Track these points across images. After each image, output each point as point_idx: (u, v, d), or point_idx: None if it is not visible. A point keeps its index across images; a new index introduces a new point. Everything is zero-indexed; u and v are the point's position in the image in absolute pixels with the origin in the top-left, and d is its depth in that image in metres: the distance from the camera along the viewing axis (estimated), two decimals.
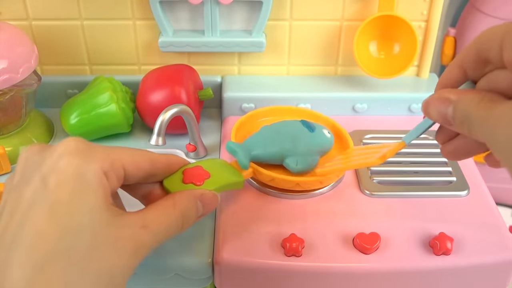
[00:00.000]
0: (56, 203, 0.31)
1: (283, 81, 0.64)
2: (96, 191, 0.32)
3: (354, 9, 0.61)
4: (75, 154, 0.33)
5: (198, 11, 0.60)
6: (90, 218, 0.31)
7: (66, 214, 0.30)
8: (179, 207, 0.36)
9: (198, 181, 0.41)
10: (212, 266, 0.45)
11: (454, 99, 0.33)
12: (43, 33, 0.62)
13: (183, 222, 0.36)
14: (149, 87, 0.57)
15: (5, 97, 0.53)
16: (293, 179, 0.48)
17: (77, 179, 0.32)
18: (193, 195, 0.38)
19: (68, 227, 0.30)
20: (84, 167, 0.32)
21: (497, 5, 0.67)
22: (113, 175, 0.34)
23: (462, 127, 0.33)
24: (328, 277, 0.44)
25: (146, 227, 0.33)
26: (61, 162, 0.32)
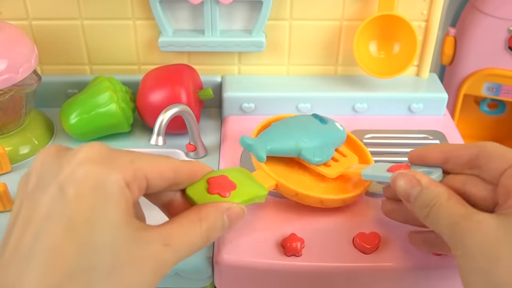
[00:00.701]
0: (75, 217, 0.28)
1: (283, 81, 0.64)
2: (118, 205, 0.29)
3: (354, 9, 0.61)
4: (96, 163, 0.30)
5: (198, 11, 0.60)
6: (111, 235, 0.29)
7: (85, 231, 0.28)
8: (205, 222, 0.34)
9: (224, 192, 0.38)
10: (212, 266, 0.45)
11: (424, 185, 0.37)
12: (43, 33, 0.62)
13: (208, 238, 0.34)
14: (149, 87, 0.57)
15: (5, 97, 0.53)
16: (317, 195, 0.46)
17: (98, 191, 0.29)
18: (220, 209, 0.36)
19: (87, 245, 0.28)
20: (105, 178, 0.29)
21: (497, 5, 0.67)
22: (135, 186, 0.31)
23: (419, 210, 0.37)
24: (328, 277, 0.44)
25: (169, 245, 0.31)
26: (80, 171, 0.29)
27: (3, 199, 0.49)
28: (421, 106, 0.62)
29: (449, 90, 0.72)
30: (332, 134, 0.51)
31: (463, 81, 0.72)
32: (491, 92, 0.72)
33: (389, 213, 0.44)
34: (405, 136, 0.58)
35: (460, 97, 0.73)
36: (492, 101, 0.77)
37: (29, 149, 0.57)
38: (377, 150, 0.56)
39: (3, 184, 0.49)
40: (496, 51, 0.69)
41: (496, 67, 0.70)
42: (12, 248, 0.29)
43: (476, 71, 0.71)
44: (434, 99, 0.62)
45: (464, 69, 0.72)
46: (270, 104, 0.61)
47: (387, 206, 0.44)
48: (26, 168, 0.56)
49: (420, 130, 0.59)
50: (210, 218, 0.34)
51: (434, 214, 0.36)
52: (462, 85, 0.72)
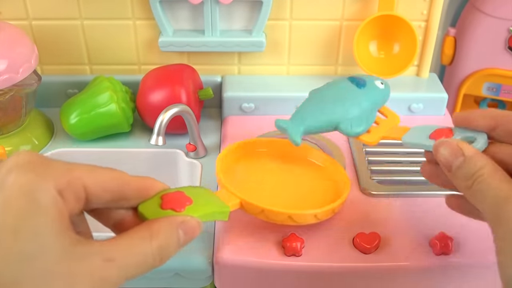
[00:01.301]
0: (2, 228, 0.26)
1: (283, 81, 0.64)
2: (47, 213, 0.27)
3: (354, 9, 0.61)
4: (25, 169, 0.27)
5: (198, 11, 0.60)
6: (38, 246, 0.26)
7: (10, 240, 0.26)
8: (156, 239, 0.30)
9: (178, 207, 0.34)
10: (212, 266, 0.45)
11: (468, 155, 0.35)
12: (43, 33, 0.62)
13: (161, 256, 0.31)
14: (149, 87, 0.57)
15: (5, 97, 0.53)
16: (284, 211, 0.43)
17: (26, 198, 0.26)
18: (173, 222, 0.32)
19: (12, 255, 0.25)
20: (34, 184, 0.27)
21: (497, 5, 0.67)
22: (71, 195, 0.28)
23: (461, 182, 0.35)
24: (328, 277, 0.44)
25: (111, 261, 0.28)
26: (8, 178, 0.27)
27: None
28: (421, 106, 0.62)
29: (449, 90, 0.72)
30: (371, 98, 0.47)
31: (463, 81, 0.72)
32: (491, 92, 0.72)
33: (429, 177, 0.42)
34: None
35: (460, 97, 0.73)
36: (492, 101, 0.77)
37: (29, 149, 0.57)
38: (377, 150, 0.56)
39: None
40: (496, 51, 0.69)
41: (496, 67, 0.70)
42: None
43: (476, 71, 0.71)
44: (434, 99, 0.62)
45: (464, 69, 0.72)
46: (270, 104, 0.61)
47: (427, 169, 0.42)
48: None
49: None
50: (162, 234, 0.31)
51: (476, 189, 0.34)
52: (462, 85, 0.72)
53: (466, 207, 0.40)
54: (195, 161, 0.56)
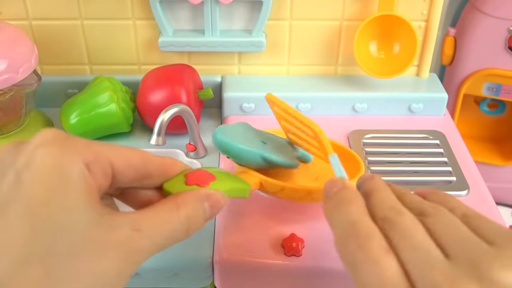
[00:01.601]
0: (32, 200, 0.27)
1: (283, 81, 0.64)
2: (77, 186, 0.28)
3: (354, 9, 0.61)
4: (52, 145, 0.28)
5: (198, 11, 0.60)
6: (70, 217, 0.27)
7: (42, 213, 0.27)
8: (183, 209, 0.31)
9: (203, 183, 0.36)
10: (212, 266, 0.45)
11: None
12: (43, 33, 0.62)
13: (189, 226, 0.31)
14: (149, 87, 0.57)
15: (5, 97, 0.53)
16: (304, 187, 0.44)
17: (55, 172, 0.27)
18: (199, 195, 0.33)
19: (45, 228, 0.26)
20: (62, 159, 0.28)
21: (497, 5, 0.67)
22: (98, 169, 0.29)
23: None
24: (328, 277, 0.44)
25: (139, 231, 0.29)
26: (36, 154, 0.28)
27: None
28: (421, 106, 0.62)
29: (449, 90, 0.72)
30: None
31: (463, 81, 0.72)
32: (491, 92, 0.72)
33: None
34: (405, 136, 0.58)
35: (460, 97, 0.73)
36: (492, 101, 0.77)
37: None
38: (377, 150, 0.56)
39: None
40: (496, 51, 0.69)
41: (496, 67, 0.70)
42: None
43: (476, 71, 0.71)
44: (434, 99, 0.62)
45: (464, 69, 0.72)
46: None
47: None
48: None
49: (420, 130, 0.59)
50: (188, 204, 0.32)
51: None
52: (462, 85, 0.72)
53: None
54: (195, 161, 0.56)
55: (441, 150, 0.56)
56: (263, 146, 0.46)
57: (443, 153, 0.56)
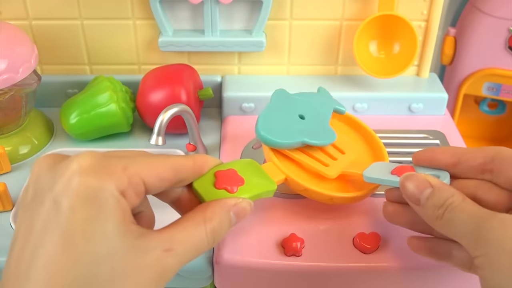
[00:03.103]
0: (70, 230, 0.28)
1: (283, 81, 0.64)
2: (113, 215, 0.29)
3: (354, 9, 0.61)
4: (88, 173, 0.29)
5: (198, 11, 0.60)
6: (108, 247, 0.28)
7: (81, 243, 0.28)
8: (210, 223, 0.33)
9: (231, 187, 0.37)
10: (212, 266, 0.45)
11: (436, 186, 0.36)
12: (43, 33, 0.62)
13: (214, 239, 0.33)
14: (149, 86, 0.57)
15: (5, 97, 0.53)
16: (326, 193, 0.44)
17: (92, 202, 0.29)
18: (226, 207, 0.34)
19: (84, 257, 0.28)
20: (98, 189, 0.29)
21: (498, 5, 0.67)
22: (132, 192, 0.30)
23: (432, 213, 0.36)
24: (328, 277, 0.44)
25: (171, 250, 0.30)
26: (73, 182, 0.29)
27: (3, 199, 0.49)
28: (421, 106, 0.62)
29: (449, 90, 0.72)
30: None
31: (463, 81, 0.72)
32: (491, 92, 0.72)
33: (392, 217, 0.43)
34: (405, 136, 0.58)
35: (460, 97, 0.73)
36: (492, 101, 0.77)
37: (29, 149, 0.57)
38: None
39: (3, 184, 0.49)
40: (496, 51, 0.69)
41: (496, 67, 0.70)
42: (14, 264, 0.29)
43: (476, 71, 0.71)
44: (434, 99, 0.62)
45: (464, 69, 0.72)
46: None
47: (389, 208, 0.42)
48: (26, 168, 0.56)
49: (420, 130, 0.59)
50: (215, 218, 0.33)
51: (447, 218, 0.35)
52: (462, 85, 0.72)
53: (430, 248, 0.40)
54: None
55: None
56: (302, 124, 0.47)
57: None
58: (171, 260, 0.30)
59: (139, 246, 0.29)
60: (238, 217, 0.35)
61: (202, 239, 0.32)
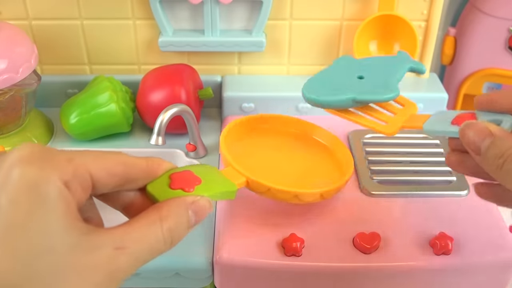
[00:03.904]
0: (9, 225, 0.26)
1: (283, 81, 0.64)
2: (56, 207, 0.27)
3: (354, 9, 0.61)
4: (28, 163, 0.27)
5: (198, 11, 0.60)
6: (50, 242, 0.26)
7: (20, 238, 0.25)
8: (166, 222, 0.30)
9: (188, 187, 0.34)
10: (212, 266, 0.45)
11: (497, 134, 0.34)
12: (43, 33, 0.62)
13: (172, 239, 0.30)
14: (149, 86, 0.57)
15: (5, 97, 0.53)
16: (291, 189, 0.44)
17: (32, 194, 0.26)
18: (183, 203, 0.32)
19: (24, 254, 0.25)
20: (39, 179, 0.27)
21: (498, 5, 0.67)
22: (77, 185, 0.28)
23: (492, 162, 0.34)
24: (328, 277, 0.44)
25: (122, 248, 0.28)
26: (12, 174, 0.26)
27: None
28: (421, 106, 0.62)
29: (449, 90, 0.72)
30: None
31: (463, 81, 0.72)
32: None
33: (455, 166, 0.40)
34: (405, 136, 0.58)
35: (460, 97, 0.73)
36: None
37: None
38: (377, 150, 0.56)
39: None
40: (496, 51, 0.69)
41: (496, 67, 0.70)
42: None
43: (476, 71, 0.71)
44: (434, 99, 0.62)
45: (464, 69, 0.72)
46: (270, 104, 0.61)
47: (452, 158, 0.40)
48: None
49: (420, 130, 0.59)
50: (172, 216, 0.31)
51: (508, 168, 0.33)
52: (462, 85, 0.72)
53: (496, 194, 0.38)
54: (195, 161, 0.56)
55: (441, 150, 0.56)
56: (358, 84, 0.44)
57: (443, 153, 0.55)
58: (124, 259, 0.28)
59: (86, 243, 0.27)
60: (197, 215, 0.32)
61: (158, 238, 0.30)
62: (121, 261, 0.28)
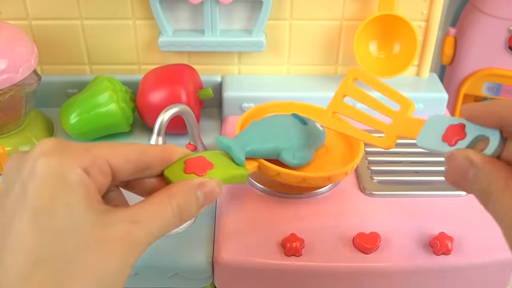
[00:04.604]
0: (36, 207, 0.29)
1: (283, 81, 0.64)
2: (76, 191, 0.30)
3: (354, 9, 0.61)
4: (51, 154, 0.31)
5: (198, 11, 0.60)
6: (71, 221, 0.29)
7: (47, 219, 0.29)
8: (175, 198, 0.34)
9: (200, 172, 0.38)
10: (212, 266, 0.45)
11: (479, 167, 0.31)
12: (43, 33, 0.62)
13: (181, 214, 0.34)
14: (149, 86, 0.57)
15: (5, 97, 0.53)
16: (299, 174, 0.46)
17: (56, 180, 0.30)
18: (190, 184, 0.35)
19: (49, 232, 0.29)
20: (62, 167, 0.30)
21: (498, 5, 0.67)
22: (96, 171, 0.32)
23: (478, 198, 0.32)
24: (328, 277, 0.44)
25: (137, 222, 0.31)
26: (38, 165, 0.30)
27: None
28: (421, 106, 0.62)
29: (449, 90, 0.72)
30: (311, 136, 0.49)
31: (463, 81, 0.72)
32: (491, 92, 0.72)
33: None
34: None
35: (460, 97, 0.73)
36: None
37: (29, 149, 0.57)
38: (377, 150, 0.56)
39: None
40: (496, 51, 0.69)
41: (496, 67, 0.70)
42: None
43: (476, 71, 0.71)
44: (434, 99, 0.62)
45: (464, 69, 0.72)
46: None
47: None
48: None
49: None
50: (180, 195, 0.34)
51: (492, 206, 0.31)
52: (462, 85, 0.72)
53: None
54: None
55: None
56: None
57: None
58: (139, 232, 0.31)
59: (104, 220, 0.30)
60: (206, 196, 0.35)
61: (168, 213, 0.33)
62: (136, 234, 0.31)
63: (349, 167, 0.48)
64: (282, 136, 0.47)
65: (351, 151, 0.52)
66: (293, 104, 0.56)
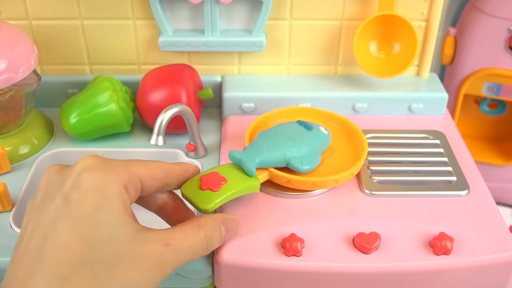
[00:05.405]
0: (79, 217, 0.31)
1: (283, 81, 0.64)
2: (117, 205, 0.32)
3: (354, 9, 0.61)
4: (95, 170, 0.33)
5: (198, 11, 0.60)
6: (112, 232, 0.32)
7: (89, 228, 0.31)
8: (203, 229, 0.37)
9: (215, 187, 0.41)
10: (212, 266, 0.45)
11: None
12: (43, 33, 0.62)
13: (207, 244, 0.37)
14: (149, 86, 0.57)
15: (5, 97, 0.53)
16: (309, 179, 0.48)
17: (99, 193, 0.32)
18: (216, 219, 0.39)
19: (91, 240, 0.31)
20: (105, 182, 0.33)
21: (498, 5, 0.67)
22: (132, 188, 0.35)
23: None
24: (328, 277, 0.44)
25: (169, 245, 0.33)
26: (82, 179, 0.33)
27: (3, 199, 0.49)
28: (421, 106, 0.62)
29: (449, 90, 0.72)
30: (317, 140, 0.51)
31: (463, 81, 0.72)
32: (491, 92, 0.72)
33: None
34: (405, 136, 0.58)
35: (460, 97, 0.73)
36: (492, 101, 0.77)
37: (29, 149, 0.57)
38: (377, 150, 0.56)
39: (3, 184, 0.49)
40: (496, 51, 0.69)
41: (496, 67, 0.70)
42: (22, 251, 0.31)
43: (476, 71, 0.71)
44: (434, 99, 0.62)
45: (464, 69, 0.72)
46: (270, 104, 0.61)
47: None
48: (26, 168, 0.56)
49: (420, 130, 0.59)
50: (208, 226, 0.37)
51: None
52: (462, 85, 0.72)
53: None
54: (195, 161, 0.56)
55: (441, 150, 0.56)
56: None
57: (443, 153, 0.56)
58: (170, 254, 0.33)
59: (140, 236, 0.32)
60: (228, 230, 0.40)
61: (197, 241, 0.36)
62: (168, 255, 0.33)
63: (355, 167, 0.50)
64: (289, 144, 0.49)
65: (356, 151, 0.53)
66: (298, 109, 0.58)
